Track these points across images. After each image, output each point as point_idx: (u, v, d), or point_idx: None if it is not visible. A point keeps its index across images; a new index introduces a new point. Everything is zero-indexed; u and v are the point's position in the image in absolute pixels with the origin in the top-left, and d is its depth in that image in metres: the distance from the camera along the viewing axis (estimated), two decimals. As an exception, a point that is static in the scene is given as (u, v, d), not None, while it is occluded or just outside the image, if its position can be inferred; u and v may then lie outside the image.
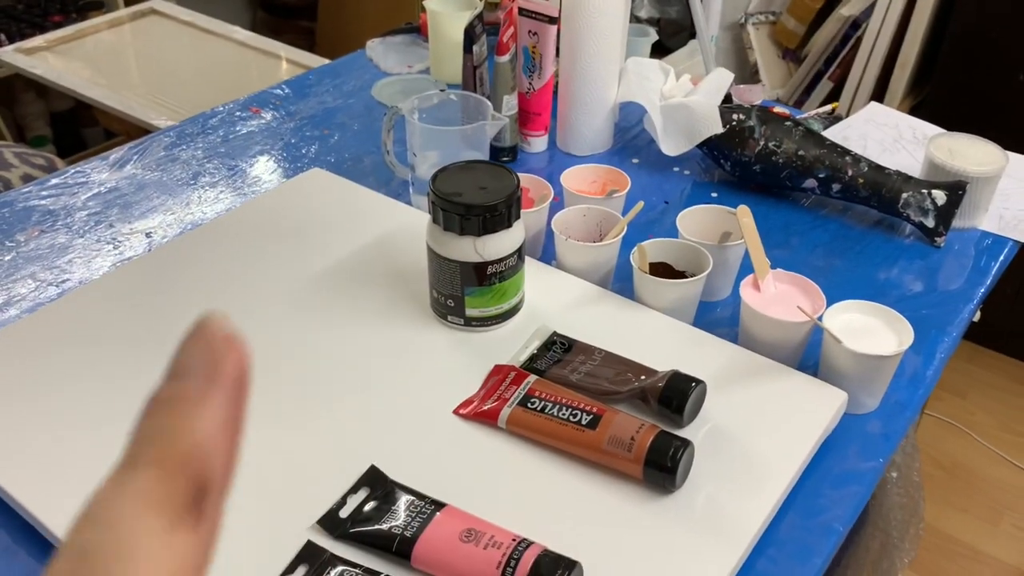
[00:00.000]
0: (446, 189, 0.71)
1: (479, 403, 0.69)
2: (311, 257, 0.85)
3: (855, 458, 0.69)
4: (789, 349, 0.74)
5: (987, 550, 1.61)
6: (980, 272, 0.90)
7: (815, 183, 0.95)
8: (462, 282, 0.73)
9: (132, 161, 1.06)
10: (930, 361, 0.79)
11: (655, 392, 0.67)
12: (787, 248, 0.93)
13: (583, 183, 0.92)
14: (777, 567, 0.60)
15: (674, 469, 0.60)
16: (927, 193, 0.91)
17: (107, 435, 0.66)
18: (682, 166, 1.06)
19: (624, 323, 0.77)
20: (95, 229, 0.94)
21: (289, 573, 0.56)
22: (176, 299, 0.79)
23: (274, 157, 1.07)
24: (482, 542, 0.55)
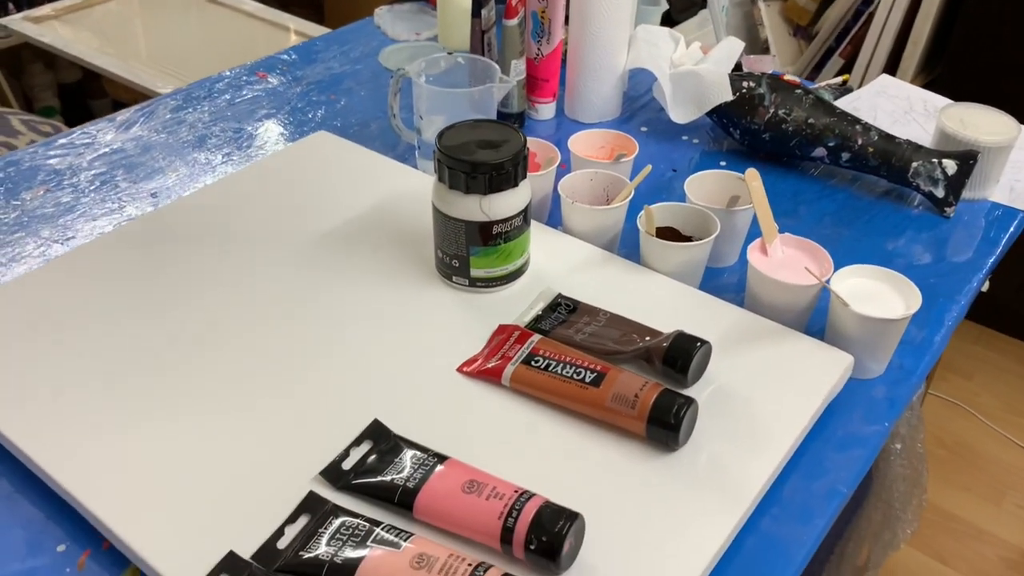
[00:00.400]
0: (452, 147, 0.70)
1: (483, 361, 0.68)
2: (316, 217, 0.84)
3: (859, 422, 0.69)
4: (795, 313, 0.73)
5: (989, 529, 1.61)
6: (989, 243, 0.89)
7: (824, 152, 0.94)
8: (467, 242, 0.73)
9: (139, 123, 1.06)
10: (937, 328, 0.78)
11: (659, 352, 0.67)
12: (795, 217, 0.92)
13: (591, 148, 0.91)
14: (780, 527, 0.60)
15: (677, 426, 0.60)
16: (937, 163, 0.90)
17: (110, 386, 0.66)
18: (691, 135, 1.05)
19: (630, 286, 0.76)
20: (101, 189, 0.94)
21: (291, 523, 0.56)
22: (180, 257, 0.79)
23: (280, 121, 1.07)
24: (484, 493, 0.55)
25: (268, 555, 0.54)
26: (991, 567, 1.55)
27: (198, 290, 0.75)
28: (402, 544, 0.52)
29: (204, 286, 0.76)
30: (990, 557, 1.57)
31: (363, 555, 0.52)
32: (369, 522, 0.55)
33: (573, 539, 0.53)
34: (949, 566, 1.55)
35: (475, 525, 0.54)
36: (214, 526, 0.56)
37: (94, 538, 0.59)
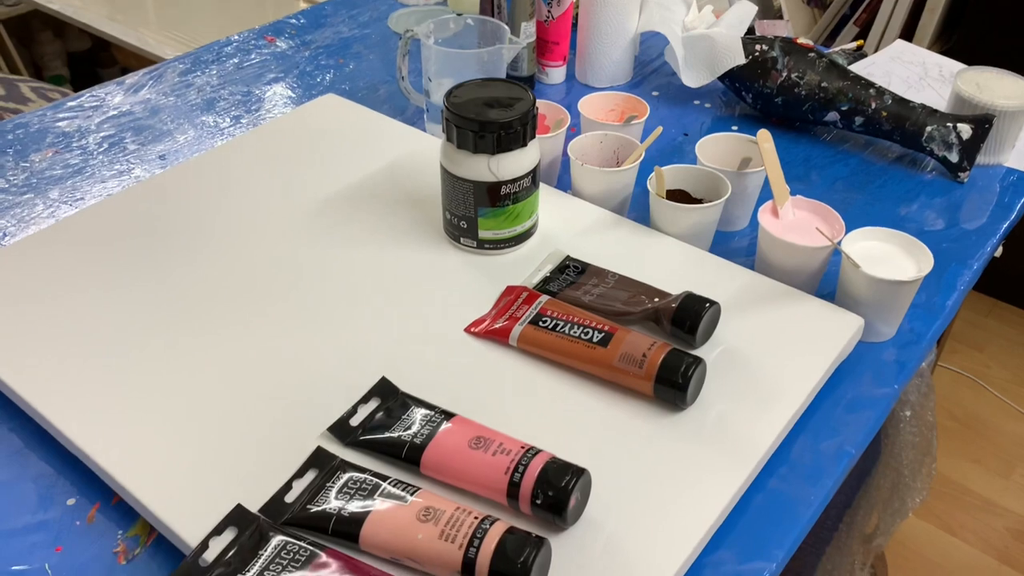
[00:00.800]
0: (460, 105, 0.70)
1: (490, 322, 0.68)
2: (324, 179, 0.84)
3: (869, 385, 0.68)
4: (806, 275, 0.73)
5: (999, 501, 1.61)
6: (1004, 208, 0.88)
7: (837, 116, 0.93)
8: (475, 203, 0.72)
9: (147, 86, 1.05)
10: (949, 293, 0.77)
11: (668, 313, 0.66)
12: (806, 182, 0.91)
13: (601, 111, 0.90)
14: (788, 486, 0.60)
15: (685, 386, 0.60)
16: (952, 127, 0.89)
17: (119, 343, 0.66)
18: (703, 99, 1.04)
19: (639, 249, 0.76)
20: (109, 152, 0.94)
21: (299, 477, 0.56)
22: (188, 218, 0.79)
23: (288, 85, 1.06)
24: (491, 449, 0.55)
25: (276, 508, 0.54)
26: (999, 538, 1.55)
27: (206, 250, 0.75)
28: (409, 498, 0.52)
29: (212, 246, 0.76)
30: (998, 528, 1.56)
31: (370, 508, 0.52)
32: (376, 477, 0.55)
33: (579, 494, 0.53)
34: (957, 537, 1.55)
35: (481, 480, 0.54)
36: (222, 481, 0.56)
37: (103, 492, 0.59)
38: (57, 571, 0.55)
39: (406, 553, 0.50)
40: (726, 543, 0.56)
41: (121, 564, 0.55)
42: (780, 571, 0.56)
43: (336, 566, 0.49)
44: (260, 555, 0.50)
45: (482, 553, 0.48)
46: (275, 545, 0.51)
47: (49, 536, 0.57)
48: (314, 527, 0.53)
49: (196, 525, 0.54)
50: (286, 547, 0.50)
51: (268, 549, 0.50)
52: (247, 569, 0.49)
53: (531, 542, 0.49)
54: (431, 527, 0.50)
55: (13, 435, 0.64)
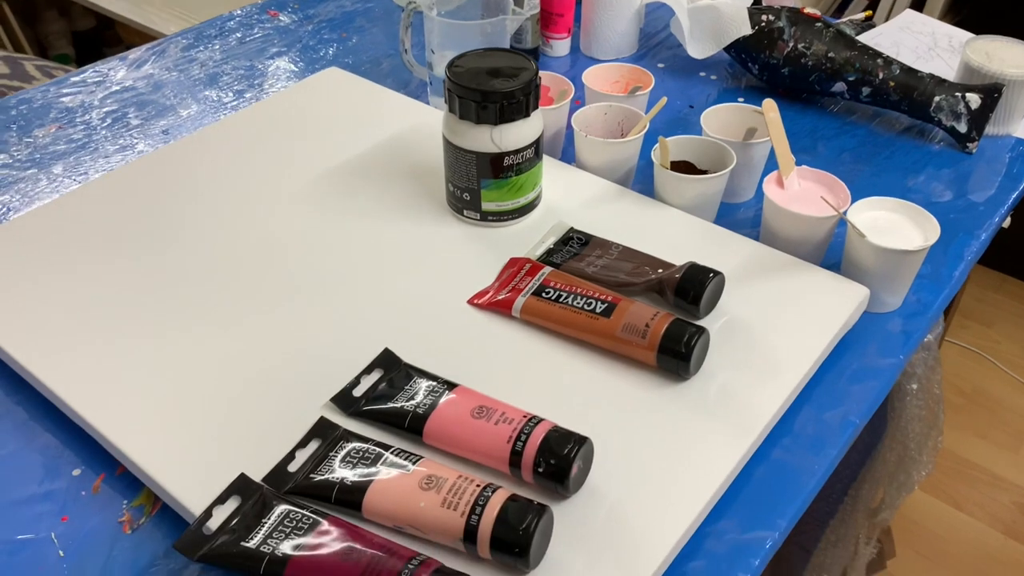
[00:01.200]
0: (462, 76, 0.69)
1: (493, 293, 0.68)
2: (327, 153, 0.84)
3: (875, 355, 0.68)
4: (812, 246, 0.72)
5: (1007, 475, 1.61)
6: (1012, 179, 0.87)
7: (844, 87, 0.92)
8: (478, 174, 0.72)
9: (150, 61, 1.05)
10: (957, 263, 0.77)
11: (672, 283, 0.66)
12: (813, 154, 0.90)
13: (605, 82, 0.90)
14: (791, 456, 0.60)
15: (688, 355, 0.60)
16: (960, 96, 0.88)
17: (123, 315, 0.67)
18: (709, 71, 1.03)
19: (643, 220, 0.75)
20: (113, 127, 0.94)
21: (302, 447, 0.56)
22: (191, 191, 0.79)
23: (291, 59, 1.06)
24: (493, 418, 0.55)
25: (279, 478, 0.54)
26: (1006, 512, 1.55)
27: (210, 222, 0.75)
28: (411, 467, 0.52)
29: (216, 219, 0.76)
30: (1005, 503, 1.56)
31: (372, 477, 0.52)
32: (379, 446, 0.55)
33: (582, 463, 0.53)
34: (964, 511, 1.55)
35: (484, 449, 0.54)
36: (226, 451, 0.57)
37: (109, 463, 0.60)
38: (63, 540, 0.55)
39: (408, 521, 0.50)
40: (729, 512, 0.56)
41: (126, 533, 0.55)
42: (783, 540, 0.56)
43: (338, 534, 0.49)
44: (263, 523, 0.50)
45: (484, 520, 0.48)
46: (278, 513, 0.51)
47: (55, 506, 0.57)
48: (317, 496, 0.53)
49: (200, 495, 0.54)
50: (289, 515, 0.51)
51: (271, 517, 0.51)
52: (250, 537, 0.50)
53: (533, 509, 0.49)
54: (433, 495, 0.50)
55: (19, 407, 0.64)
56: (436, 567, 0.46)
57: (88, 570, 0.53)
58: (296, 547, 0.48)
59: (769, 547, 0.55)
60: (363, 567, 0.46)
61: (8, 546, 0.55)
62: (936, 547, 1.50)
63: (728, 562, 0.54)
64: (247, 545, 0.49)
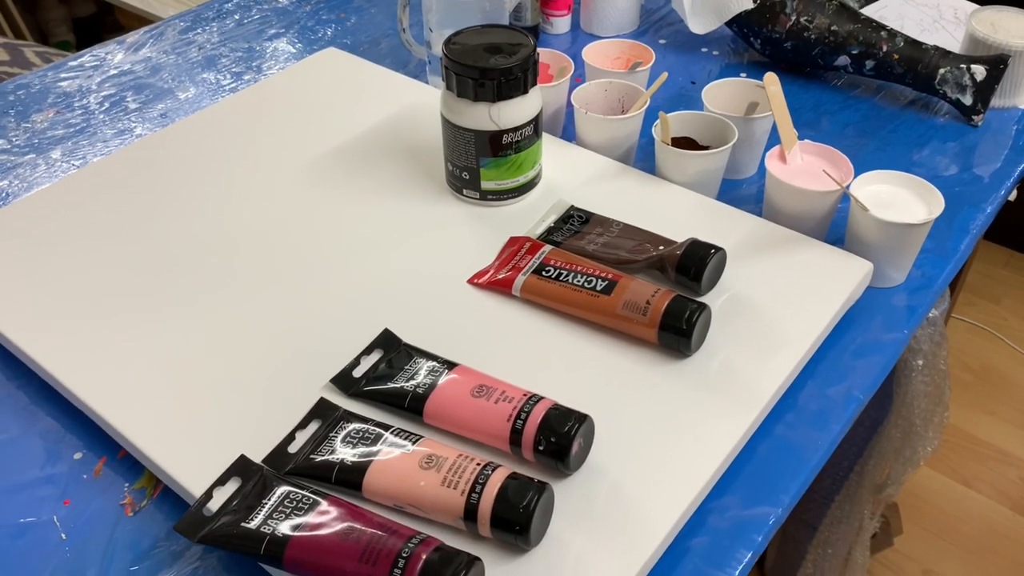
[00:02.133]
0: (460, 53, 0.69)
1: (493, 272, 0.68)
2: (325, 133, 0.83)
3: (879, 330, 0.67)
4: (814, 221, 0.71)
5: (1013, 451, 1.60)
6: (1019, 151, 0.86)
7: (848, 60, 0.91)
8: (477, 153, 0.72)
9: (148, 45, 1.04)
10: (962, 236, 0.76)
11: (673, 260, 0.65)
12: (816, 129, 0.89)
13: (605, 59, 0.89)
14: (794, 432, 0.60)
15: (689, 332, 0.59)
16: (966, 68, 0.87)
17: (122, 298, 0.66)
18: (711, 47, 1.02)
19: (644, 197, 0.75)
20: (111, 111, 0.93)
21: (302, 428, 0.56)
22: (190, 173, 0.78)
23: (290, 40, 1.05)
24: (493, 397, 0.54)
25: (279, 459, 0.54)
26: (1014, 488, 1.54)
27: (208, 204, 0.75)
28: (411, 446, 0.52)
29: (214, 202, 0.75)
30: (1013, 479, 1.56)
31: (373, 457, 0.52)
32: (379, 426, 0.55)
33: (582, 440, 0.53)
34: (972, 488, 1.55)
35: (484, 428, 0.54)
36: (227, 432, 0.56)
37: (110, 446, 0.60)
38: (65, 524, 0.55)
39: (409, 500, 0.50)
40: (731, 489, 0.56)
41: (128, 516, 0.55)
42: (786, 516, 0.56)
43: (338, 513, 0.49)
44: (264, 504, 0.50)
45: (484, 499, 0.48)
46: (279, 494, 0.51)
47: (57, 490, 0.57)
48: (317, 476, 0.53)
49: (201, 476, 0.54)
50: (289, 496, 0.50)
51: (272, 498, 0.51)
52: (251, 518, 0.50)
53: (533, 487, 0.48)
54: (433, 474, 0.50)
55: (20, 392, 0.64)
56: (436, 545, 0.46)
57: (90, 553, 0.53)
58: (296, 527, 0.48)
59: (772, 523, 0.54)
60: (363, 546, 0.46)
61: (10, 530, 0.55)
62: (944, 524, 1.49)
63: (731, 538, 0.53)
64: (247, 526, 0.49)
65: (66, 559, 0.53)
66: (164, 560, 0.53)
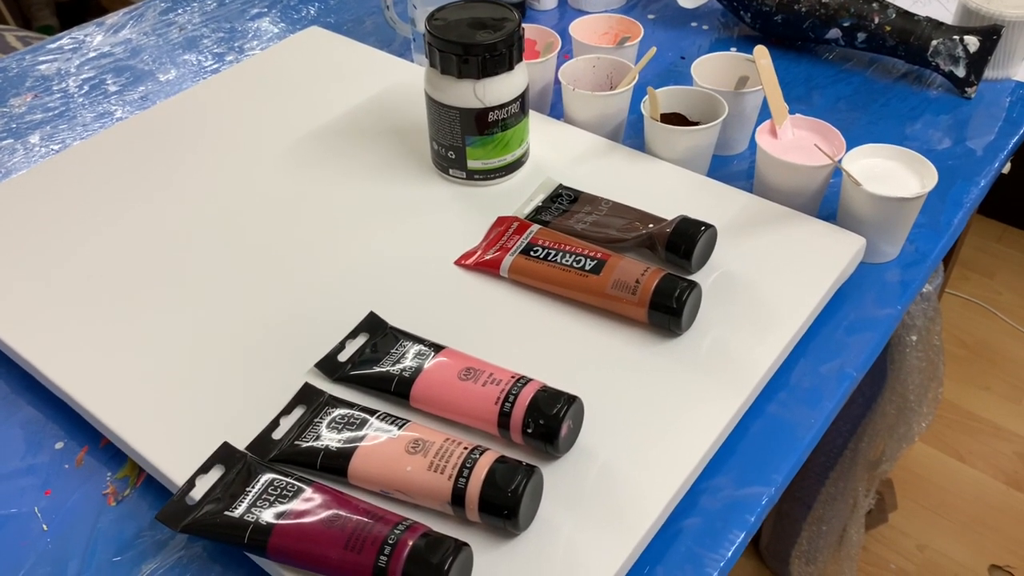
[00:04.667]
0: (443, 29, 0.67)
1: (481, 253, 0.66)
2: (309, 114, 0.82)
3: (872, 306, 0.66)
4: (806, 197, 0.70)
5: (1008, 426, 1.60)
6: (1012, 124, 0.85)
7: (839, 33, 0.90)
8: (463, 131, 0.70)
9: (128, 26, 1.03)
10: (956, 210, 0.75)
11: (662, 238, 0.64)
12: (808, 103, 0.88)
13: (593, 34, 0.87)
14: (787, 411, 0.59)
15: (680, 311, 0.58)
16: (959, 40, 0.86)
17: (102, 285, 0.65)
18: (700, 21, 1.01)
19: (634, 175, 0.74)
20: (90, 94, 0.92)
21: (286, 414, 0.55)
22: (170, 156, 0.77)
23: (272, 20, 1.03)
24: (481, 380, 0.53)
25: (263, 445, 0.53)
26: (1008, 463, 1.54)
27: (190, 188, 0.74)
28: (397, 431, 0.51)
29: (196, 184, 0.74)
30: (1007, 453, 1.56)
31: (358, 443, 0.51)
32: (365, 411, 0.54)
33: (571, 422, 0.52)
34: (966, 463, 1.55)
35: (472, 411, 0.53)
36: (209, 419, 0.55)
37: (91, 435, 0.59)
38: (47, 514, 0.54)
39: (395, 485, 0.49)
40: (724, 468, 0.55)
41: (111, 506, 0.55)
42: (779, 496, 0.55)
43: (323, 500, 0.48)
44: (248, 492, 0.49)
45: (472, 483, 0.47)
46: (263, 482, 0.50)
47: (38, 480, 0.56)
48: (302, 463, 0.52)
49: (185, 465, 0.53)
50: (273, 483, 0.49)
51: (256, 486, 0.50)
52: (235, 506, 0.49)
53: (521, 470, 0.48)
54: (420, 459, 0.49)
55: (0, 381, 0.63)
56: (423, 531, 0.45)
57: (72, 543, 0.52)
58: (280, 515, 0.47)
59: (765, 503, 0.54)
60: (348, 533, 0.45)
61: (-9, 521, 0.54)
62: (939, 499, 1.49)
63: (723, 519, 0.53)
64: (231, 514, 0.48)
65: (48, 550, 0.52)
66: (148, 550, 0.52)
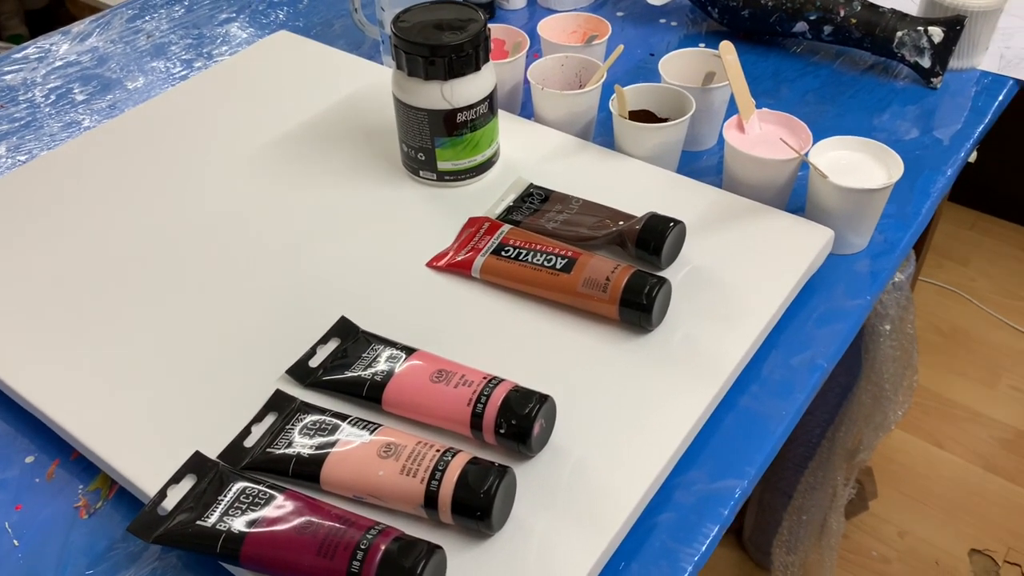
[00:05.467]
0: (408, 31, 0.67)
1: (452, 255, 0.66)
2: (279, 118, 0.81)
3: (842, 297, 0.67)
4: (775, 190, 0.71)
5: (984, 411, 1.62)
6: (977, 113, 0.86)
7: (806, 26, 0.90)
8: (432, 133, 0.70)
9: (94, 34, 1.02)
10: (924, 199, 0.76)
11: (632, 235, 0.64)
12: (776, 97, 0.89)
13: (562, 33, 0.87)
14: (759, 403, 0.59)
15: (650, 307, 0.58)
16: (923, 31, 0.87)
17: (69, 295, 0.65)
18: (669, 17, 1.01)
19: (604, 172, 0.74)
20: (57, 103, 0.91)
21: (258, 422, 0.55)
22: (138, 164, 0.76)
23: (241, 25, 1.03)
24: (453, 382, 0.53)
25: (235, 453, 0.53)
26: (985, 447, 1.56)
27: (160, 195, 0.73)
28: (369, 436, 0.51)
29: (166, 190, 0.73)
30: (984, 438, 1.58)
31: (330, 448, 0.51)
32: (336, 417, 0.53)
33: (544, 421, 0.52)
34: (944, 449, 1.56)
35: (444, 413, 0.53)
36: (180, 429, 0.55)
37: (62, 448, 0.58)
38: (18, 530, 0.54)
39: (368, 490, 0.49)
40: (697, 463, 0.56)
41: (83, 519, 0.54)
42: (752, 488, 0.56)
43: (295, 507, 0.48)
44: (220, 501, 0.49)
45: (444, 485, 0.47)
46: (235, 490, 0.50)
47: (8, 495, 0.56)
48: (274, 470, 0.51)
49: (156, 475, 0.52)
50: (245, 491, 0.49)
51: (228, 494, 0.49)
52: (207, 515, 0.48)
53: (494, 471, 0.48)
54: (392, 463, 0.49)
55: (-31, 396, 0.62)
56: (395, 535, 0.45)
57: (44, 558, 0.52)
58: (252, 523, 0.47)
59: (738, 496, 0.54)
60: (320, 539, 0.45)
61: (-39, 538, 0.53)
62: (918, 485, 1.51)
63: (697, 513, 0.53)
64: (203, 524, 0.48)
65: (19, 566, 0.52)
66: (121, 562, 0.52)
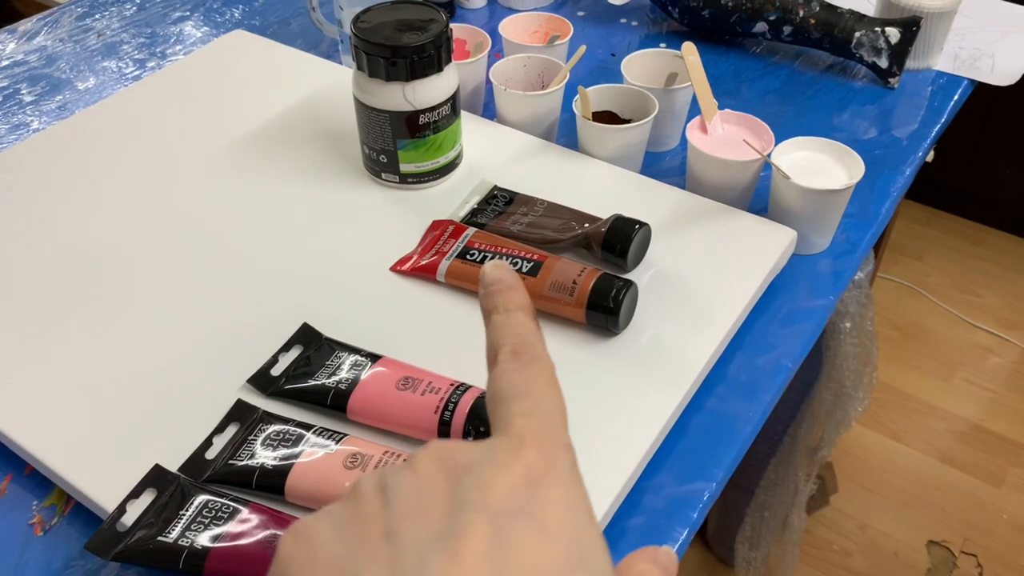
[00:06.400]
0: (369, 31, 0.66)
1: (417, 258, 0.66)
2: (236, 120, 0.80)
3: (805, 297, 0.67)
4: (738, 191, 0.71)
5: (940, 404, 1.65)
6: (934, 112, 0.87)
7: (766, 27, 0.91)
8: (393, 134, 0.69)
9: (42, 33, 0.99)
10: (883, 199, 0.76)
11: (598, 238, 0.64)
12: (737, 97, 0.89)
13: (524, 33, 0.87)
14: (726, 404, 0.59)
15: (617, 310, 0.58)
16: (880, 31, 0.88)
17: (20, 306, 0.63)
18: (629, 17, 1.01)
19: (568, 174, 0.73)
20: (3, 104, 0.88)
21: (219, 433, 0.53)
22: (90, 168, 0.74)
23: (195, 24, 1.00)
24: (419, 389, 0.53)
25: (196, 466, 0.52)
26: (941, 440, 1.59)
27: (112, 200, 0.71)
28: (335, 445, 0.50)
29: (118, 195, 0.71)
30: (940, 431, 1.61)
31: (295, 459, 0.50)
32: (300, 427, 0.52)
33: (512, 428, 0.51)
34: (902, 442, 1.59)
35: (411, 421, 0.52)
36: (139, 442, 0.54)
37: (15, 463, 0.56)
38: (-31, 548, 0.52)
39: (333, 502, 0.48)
40: (665, 466, 0.55)
41: (38, 535, 0.52)
42: (720, 490, 0.56)
43: (259, 521, 0.46)
44: (182, 515, 0.48)
45: (412, 496, 0.47)
46: (197, 504, 0.48)
47: (-42, 513, 0.54)
48: (237, 483, 0.50)
49: (114, 490, 0.51)
50: (208, 505, 0.48)
51: (190, 508, 0.48)
52: (168, 531, 0.47)
53: (462, 481, 0.47)
54: (358, 473, 0.48)
55: (-85, 410, 0.60)
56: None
57: (-3, 578, 0.50)
58: (216, 538, 0.46)
59: (707, 498, 0.54)
60: (287, 554, 0.44)
61: (-91, 559, 0.51)
62: (877, 478, 1.53)
63: (666, 516, 0.53)
64: (164, 540, 0.47)
65: (-29, 587, 0.50)
66: (78, 580, 0.50)
